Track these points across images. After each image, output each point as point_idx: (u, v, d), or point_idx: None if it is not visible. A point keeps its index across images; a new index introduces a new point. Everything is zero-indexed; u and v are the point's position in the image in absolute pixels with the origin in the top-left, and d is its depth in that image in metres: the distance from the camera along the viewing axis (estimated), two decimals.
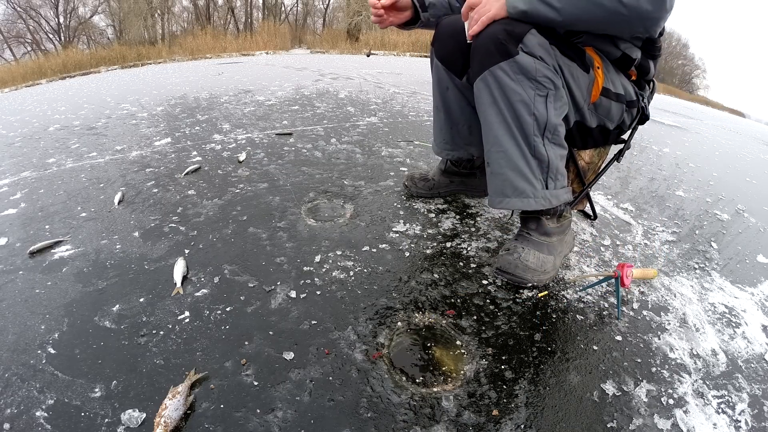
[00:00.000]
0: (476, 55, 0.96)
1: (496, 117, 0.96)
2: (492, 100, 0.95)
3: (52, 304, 0.96)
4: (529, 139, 0.95)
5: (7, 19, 15.15)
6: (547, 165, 0.99)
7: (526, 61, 0.90)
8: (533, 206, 1.01)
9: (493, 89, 0.94)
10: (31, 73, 9.10)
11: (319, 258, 1.12)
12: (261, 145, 2.02)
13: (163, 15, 16.65)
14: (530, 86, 0.92)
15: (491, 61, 0.92)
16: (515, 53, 0.90)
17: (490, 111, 0.96)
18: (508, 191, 1.00)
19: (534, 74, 0.91)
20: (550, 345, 0.88)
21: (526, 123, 0.94)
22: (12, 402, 0.72)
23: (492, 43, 0.91)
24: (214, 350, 0.83)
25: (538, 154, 0.97)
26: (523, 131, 0.95)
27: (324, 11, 19.61)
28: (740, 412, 0.78)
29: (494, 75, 0.92)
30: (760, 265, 1.30)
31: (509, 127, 0.95)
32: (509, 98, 0.93)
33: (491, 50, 0.91)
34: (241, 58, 8.17)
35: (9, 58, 14.44)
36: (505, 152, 0.97)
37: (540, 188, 1.00)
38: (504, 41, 0.90)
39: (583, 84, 0.99)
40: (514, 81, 0.91)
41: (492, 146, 0.99)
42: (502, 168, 0.99)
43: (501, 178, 1.00)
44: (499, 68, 0.91)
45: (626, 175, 1.99)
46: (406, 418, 0.71)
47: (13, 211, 1.42)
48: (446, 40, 1.17)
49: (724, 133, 4.03)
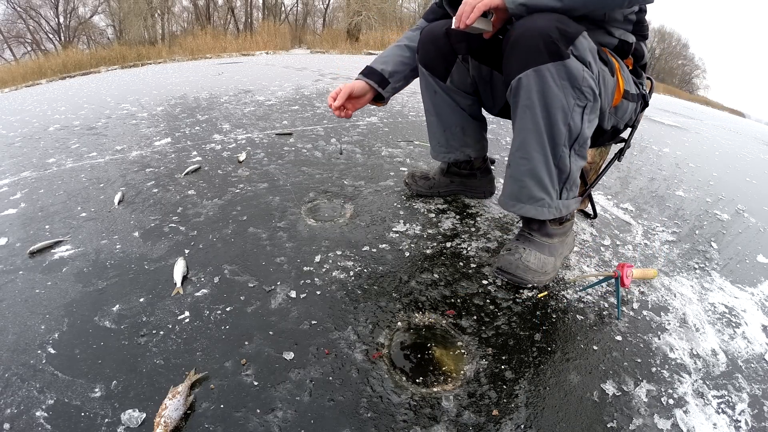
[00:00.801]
0: (518, 49, 0.87)
1: (529, 121, 0.90)
2: (529, 102, 0.88)
3: (52, 304, 0.96)
4: (557, 149, 0.92)
5: (7, 19, 15.15)
6: (567, 176, 0.97)
7: (575, 67, 0.85)
8: (546, 216, 1.00)
9: (533, 91, 0.87)
10: (31, 73, 9.10)
11: (319, 258, 1.12)
12: (261, 145, 2.02)
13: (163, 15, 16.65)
14: (572, 95, 0.87)
15: (537, 60, 0.84)
16: (566, 56, 0.84)
17: (525, 114, 0.90)
18: (524, 198, 0.99)
19: (580, 83, 0.86)
20: (550, 345, 0.88)
21: (559, 133, 0.90)
22: (12, 402, 0.72)
23: (541, 39, 0.83)
24: (214, 350, 0.83)
25: (562, 165, 0.94)
26: (553, 141, 0.91)
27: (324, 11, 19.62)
28: (740, 412, 0.78)
29: (539, 76, 0.85)
30: (760, 265, 1.30)
31: (540, 135, 0.91)
32: (549, 104, 0.87)
33: (539, 47, 0.84)
34: (241, 58, 8.17)
35: (9, 58, 14.44)
36: (529, 159, 0.94)
37: (555, 198, 0.99)
38: (556, 40, 0.83)
39: (611, 89, 0.97)
40: (558, 86, 0.85)
41: (517, 149, 0.95)
42: (523, 174, 0.96)
43: (519, 183, 0.97)
44: (546, 69, 0.84)
45: (626, 175, 1.99)
46: (406, 418, 0.71)
47: (13, 211, 1.42)
48: (428, 47, 1.20)
49: (724, 133, 4.03)
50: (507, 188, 1.02)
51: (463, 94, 1.25)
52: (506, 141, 2.31)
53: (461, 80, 1.22)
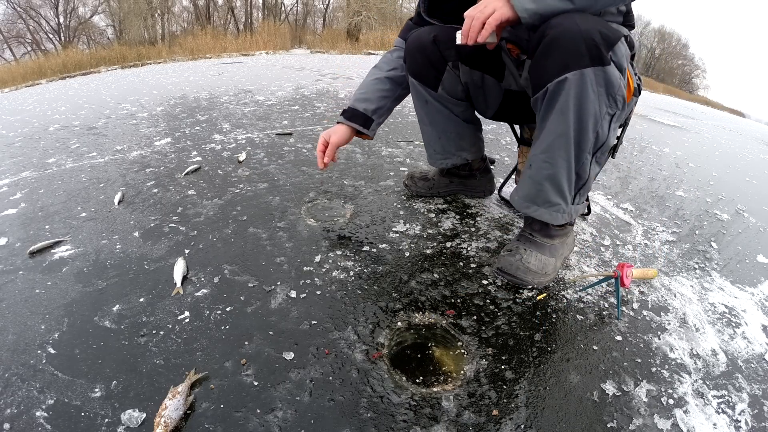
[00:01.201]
0: (557, 51, 0.82)
1: (559, 125, 0.87)
2: (564, 106, 0.85)
3: (52, 304, 0.96)
4: (581, 156, 0.91)
5: (7, 19, 15.16)
6: (584, 183, 0.97)
7: (613, 75, 0.82)
8: (559, 221, 1.00)
9: (570, 96, 0.83)
10: (31, 73, 9.10)
11: (319, 258, 1.12)
12: (261, 145, 2.02)
13: (163, 15, 16.66)
14: (606, 102, 0.85)
15: (579, 63, 0.81)
16: (607, 62, 0.81)
17: (557, 118, 0.87)
18: (540, 201, 0.98)
19: (615, 91, 0.84)
20: (550, 345, 0.88)
21: (587, 140, 0.88)
22: (12, 402, 0.72)
23: (584, 42, 0.79)
24: (214, 350, 0.83)
25: (582, 171, 0.94)
26: (579, 147, 0.89)
27: (324, 11, 19.62)
28: (740, 412, 0.78)
29: (580, 80, 0.81)
30: (760, 265, 1.30)
31: (568, 141, 0.88)
32: (583, 109, 0.84)
33: (581, 50, 0.80)
34: (241, 58, 8.17)
35: (9, 58, 14.44)
36: (553, 164, 0.92)
37: (569, 203, 0.98)
38: (599, 44, 0.79)
39: (625, 90, 0.96)
40: (594, 93, 0.83)
41: (543, 152, 0.92)
42: (543, 178, 0.94)
43: (538, 186, 0.96)
44: (586, 74, 0.81)
45: (626, 175, 1.99)
46: (406, 418, 0.71)
47: (13, 211, 1.42)
48: (416, 56, 1.17)
49: (724, 133, 4.03)
50: (524, 189, 1.00)
51: (455, 101, 1.24)
52: (506, 141, 2.31)
53: (452, 87, 1.20)
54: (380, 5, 14.95)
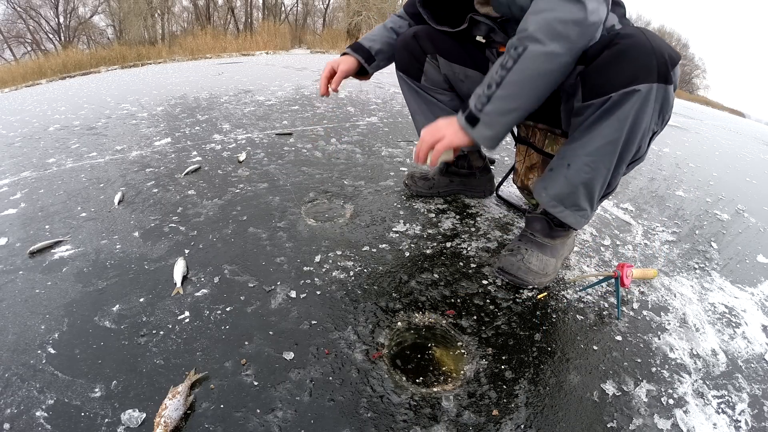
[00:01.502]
0: (628, 61, 0.80)
1: (613, 135, 0.85)
2: (623, 117, 0.83)
3: (52, 304, 0.96)
4: (620, 167, 0.91)
5: (7, 19, 15.16)
6: (610, 191, 0.98)
7: (671, 95, 0.82)
8: (581, 225, 1.01)
9: (632, 109, 0.81)
10: (31, 73, 9.10)
11: (319, 258, 1.12)
12: (261, 145, 2.02)
13: (163, 15, 16.66)
14: (656, 120, 0.85)
15: (648, 77, 0.79)
16: (671, 81, 0.80)
17: (613, 125, 0.85)
18: (568, 204, 0.97)
19: (668, 109, 0.85)
20: (550, 345, 0.88)
21: (630, 152, 0.88)
22: (12, 402, 0.72)
23: (655, 57, 0.78)
24: (214, 350, 0.83)
25: (614, 181, 0.94)
26: (622, 158, 0.89)
27: (324, 11, 19.62)
28: (740, 412, 0.78)
29: (646, 94, 0.80)
30: (760, 265, 1.30)
31: (615, 150, 0.87)
32: (638, 123, 0.83)
33: (651, 66, 0.78)
34: (241, 58, 8.17)
35: (9, 58, 14.44)
36: (594, 170, 0.90)
37: (593, 210, 0.99)
38: (668, 62, 0.78)
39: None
40: (652, 109, 0.82)
41: (586, 155, 0.90)
42: (579, 181, 0.93)
43: (571, 188, 0.95)
44: (652, 90, 0.80)
45: (626, 175, 1.99)
46: (406, 418, 0.71)
47: (13, 211, 1.42)
48: (401, 53, 1.27)
49: (724, 133, 4.03)
50: (556, 187, 0.98)
51: (440, 91, 1.28)
52: (506, 141, 2.31)
53: (434, 78, 1.25)
54: (380, 5, 14.96)
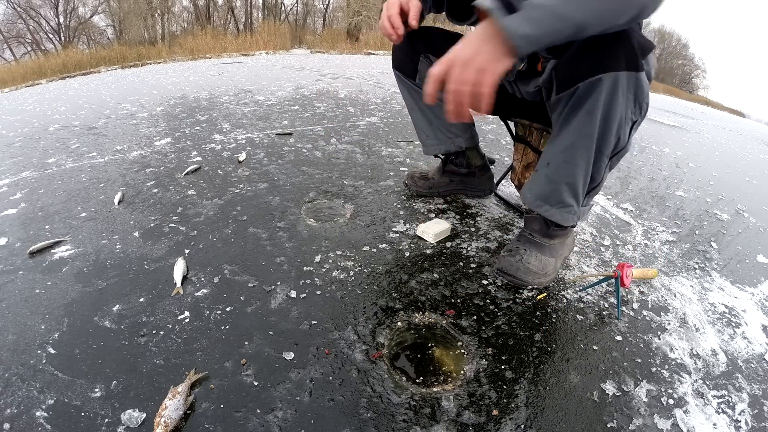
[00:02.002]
0: (593, 53, 0.80)
1: (585, 127, 0.86)
2: (591, 108, 0.83)
3: (52, 304, 0.96)
4: (600, 160, 0.90)
5: (7, 19, 15.14)
6: (597, 185, 0.97)
7: (644, 82, 0.82)
8: (569, 222, 1.00)
9: (600, 99, 0.81)
10: (31, 73, 9.09)
11: (319, 258, 1.12)
12: (261, 145, 2.02)
13: (163, 15, 16.65)
14: (632, 109, 0.85)
15: (614, 66, 0.79)
16: (641, 68, 0.80)
17: (584, 118, 0.85)
18: (553, 201, 0.98)
19: (642, 98, 0.85)
20: (550, 345, 0.88)
21: (608, 144, 0.88)
22: (12, 402, 0.72)
23: (621, 46, 0.78)
24: (214, 350, 0.83)
25: (597, 174, 0.94)
26: (600, 151, 0.89)
27: (324, 11, 19.61)
28: (740, 412, 0.78)
29: (613, 83, 0.80)
30: (760, 265, 1.30)
31: (591, 143, 0.87)
32: (610, 114, 0.83)
33: (617, 54, 0.79)
34: (241, 58, 8.17)
35: (9, 58, 14.44)
36: (572, 165, 0.91)
37: (580, 205, 0.99)
38: (636, 49, 0.79)
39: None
40: (624, 97, 0.82)
41: (563, 151, 0.91)
42: (560, 178, 0.94)
43: (553, 186, 0.96)
44: (620, 77, 0.79)
45: (626, 175, 1.99)
46: (406, 418, 0.71)
47: (13, 211, 1.42)
48: (396, 53, 1.28)
49: (724, 133, 4.03)
50: (538, 187, 0.99)
51: None
52: (506, 141, 2.31)
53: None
54: (380, 5, 14.94)
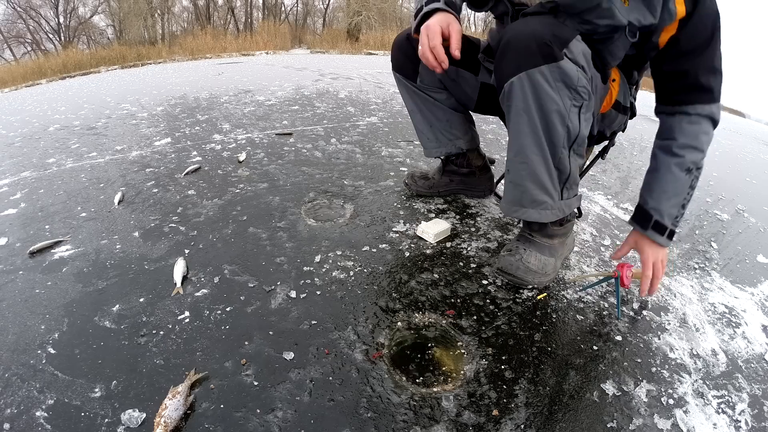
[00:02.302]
0: (511, 52, 0.85)
1: (525, 126, 0.89)
2: (524, 106, 0.87)
3: (52, 304, 0.96)
4: (556, 151, 0.91)
5: (7, 19, 15.13)
6: (567, 176, 0.97)
7: (569, 68, 0.83)
8: (549, 218, 1.00)
9: (528, 94, 0.85)
10: (31, 73, 9.08)
11: (319, 258, 1.12)
12: (261, 145, 2.01)
13: (163, 15, 16.65)
14: (568, 96, 0.86)
15: (530, 63, 0.82)
16: (560, 57, 0.82)
17: (520, 118, 0.89)
18: (526, 202, 0.98)
19: (575, 83, 0.85)
20: (550, 345, 0.88)
21: (558, 135, 0.89)
22: (12, 402, 0.72)
23: (534, 42, 0.82)
24: (214, 350, 0.83)
25: (562, 166, 0.94)
26: (552, 143, 0.90)
27: (324, 11, 19.61)
28: (740, 412, 0.78)
29: (532, 79, 0.83)
30: (760, 265, 1.30)
31: (538, 138, 0.90)
32: (545, 107, 0.86)
33: (532, 50, 0.82)
34: (241, 58, 8.17)
35: (9, 58, 14.43)
36: (528, 163, 0.92)
37: (557, 199, 0.99)
38: (549, 42, 0.81)
39: (600, 95, 0.97)
40: (553, 88, 0.84)
41: (516, 155, 0.94)
42: (523, 179, 0.95)
43: (520, 188, 0.97)
44: (539, 72, 0.82)
45: (626, 175, 1.99)
46: (406, 418, 0.71)
47: (13, 211, 1.42)
48: (396, 54, 1.27)
49: (724, 133, 4.02)
50: (508, 194, 1.01)
51: (436, 90, 1.28)
52: (506, 141, 2.31)
53: (429, 78, 1.25)
54: (380, 5, 14.94)
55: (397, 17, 15.95)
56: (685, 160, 0.91)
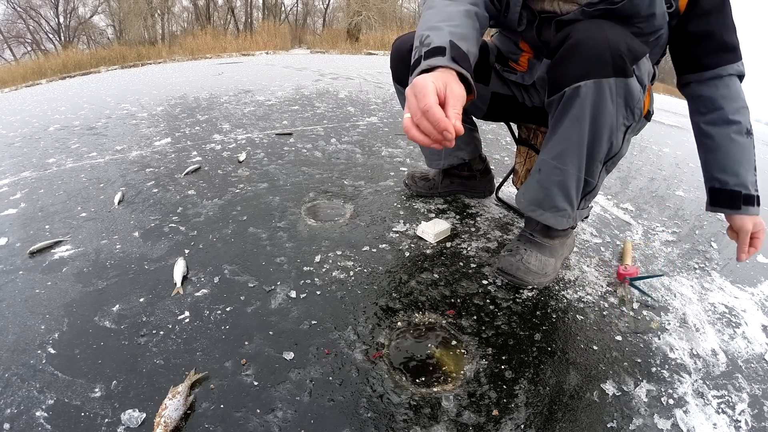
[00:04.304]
0: (581, 56, 0.80)
1: (574, 133, 0.86)
2: (579, 113, 0.83)
3: (52, 304, 0.96)
4: (593, 165, 0.90)
5: (7, 19, 15.13)
6: (592, 189, 0.97)
7: (634, 87, 0.82)
8: (564, 225, 1.00)
9: (587, 104, 0.82)
10: (31, 73, 9.08)
11: (319, 258, 1.12)
12: (261, 145, 2.02)
13: (163, 15, 16.64)
14: (623, 114, 0.85)
15: (601, 72, 0.79)
16: (630, 74, 0.80)
17: (573, 124, 0.85)
18: (546, 206, 0.98)
19: (634, 103, 0.84)
20: (550, 345, 0.88)
21: (601, 150, 0.88)
22: (12, 402, 0.72)
23: (609, 51, 0.78)
24: (214, 350, 0.83)
25: (591, 178, 0.93)
26: (591, 156, 0.89)
27: (324, 11, 19.60)
28: (740, 412, 0.78)
29: (599, 89, 0.80)
30: (760, 265, 1.30)
31: (581, 149, 0.87)
32: (599, 119, 0.83)
33: (605, 59, 0.78)
34: (241, 58, 8.17)
35: (9, 58, 14.42)
36: (563, 171, 0.91)
37: (575, 209, 0.98)
38: (624, 56, 0.78)
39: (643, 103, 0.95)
40: (613, 103, 0.82)
41: (554, 158, 0.91)
42: (552, 184, 0.94)
43: (546, 191, 0.96)
44: (608, 84, 0.80)
45: (626, 175, 1.99)
46: (406, 418, 0.71)
47: (13, 211, 1.42)
48: (398, 65, 1.21)
49: None
50: (531, 192, 0.99)
51: None
52: (506, 141, 2.31)
53: None
54: (380, 5, 14.94)
55: (397, 17, 15.95)
56: (741, 126, 0.89)
